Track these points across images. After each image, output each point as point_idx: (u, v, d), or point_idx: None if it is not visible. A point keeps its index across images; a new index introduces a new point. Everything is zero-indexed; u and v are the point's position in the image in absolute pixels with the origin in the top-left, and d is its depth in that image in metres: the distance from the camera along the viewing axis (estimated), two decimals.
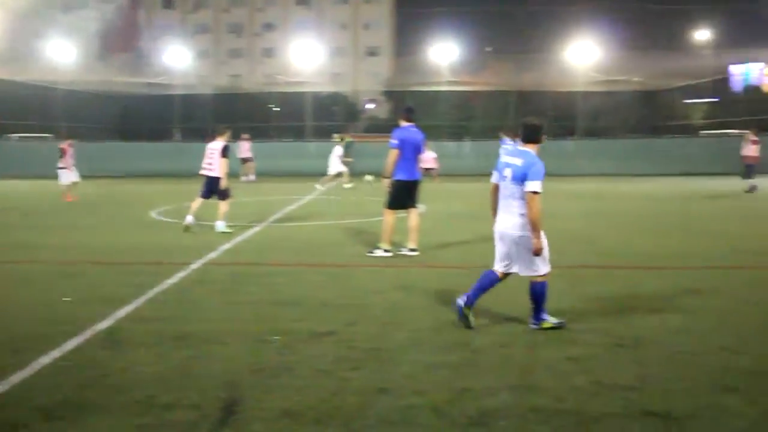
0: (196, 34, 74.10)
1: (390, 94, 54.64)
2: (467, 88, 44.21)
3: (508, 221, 5.74)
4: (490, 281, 5.93)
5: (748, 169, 20.51)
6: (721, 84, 44.95)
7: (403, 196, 9.46)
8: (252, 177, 26.75)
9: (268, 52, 76.63)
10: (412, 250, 9.50)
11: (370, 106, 68.10)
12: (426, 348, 5.29)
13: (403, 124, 9.51)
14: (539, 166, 5.63)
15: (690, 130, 45.39)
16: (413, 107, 10.15)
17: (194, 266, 8.64)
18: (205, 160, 11.89)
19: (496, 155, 8.50)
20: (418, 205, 9.77)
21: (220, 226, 11.65)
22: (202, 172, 11.94)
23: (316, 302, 6.80)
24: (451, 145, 34.29)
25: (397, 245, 9.63)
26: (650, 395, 4.32)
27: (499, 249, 5.90)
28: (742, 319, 6.16)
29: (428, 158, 23.25)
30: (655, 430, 3.85)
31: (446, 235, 11.52)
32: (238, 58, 79.95)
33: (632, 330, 5.76)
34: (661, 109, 52.65)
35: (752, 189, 19.90)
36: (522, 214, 5.62)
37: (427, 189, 13.58)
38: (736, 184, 20.91)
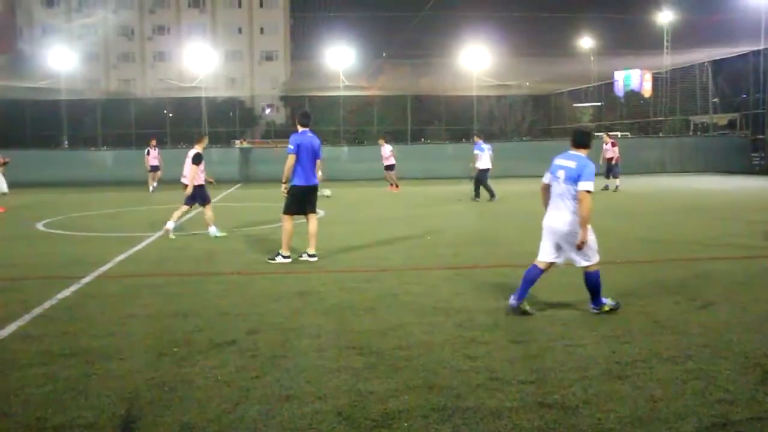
0: (83, 36, 70.96)
1: (288, 99, 54.35)
2: (364, 93, 44.56)
3: (560, 218, 6.20)
4: (534, 275, 6.39)
5: (608, 169, 22.02)
6: (604, 89, 47.32)
7: (300, 201, 9.41)
8: (154, 185, 25.24)
9: (161, 56, 74.66)
10: (311, 255, 9.45)
11: (268, 111, 67.39)
12: (329, 353, 5.29)
13: (300, 129, 9.46)
14: (591, 168, 6.14)
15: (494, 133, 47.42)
16: (309, 112, 10.17)
17: (86, 280, 8.28)
18: (185, 169, 11.89)
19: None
20: (317, 210, 9.78)
21: (213, 231, 11.85)
22: (182, 180, 11.97)
23: (215, 312, 6.67)
24: (347, 150, 34.49)
25: (298, 251, 9.60)
26: (545, 387, 4.50)
27: (548, 243, 6.38)
28: (625, 310, 6.50)
29: (387, 155, 23.01)
30: (551, 419, 4.01)
31: (347, 239, 11.56)
32: (129, 62, 77.37)
33: (527, 325, 5.98)
34: (552, 112, 54.85)
35: (606, 187, 21.41)
36: (573, 212, 6.09)
37: (343, 194, 13.64)
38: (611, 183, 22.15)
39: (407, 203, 18.80)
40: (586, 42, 47.31)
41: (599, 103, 51.22)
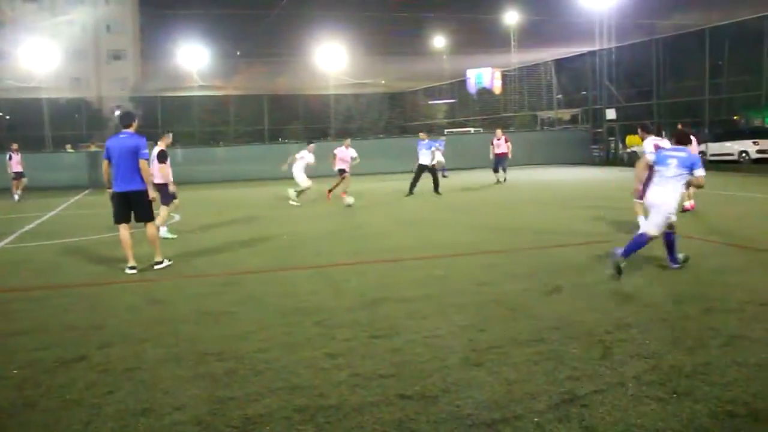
0: None
1: (138, 100, 52.01)
2: (219, 93, 43.54)
3: (667, 196, 7.53)
4: (643, 241, 7.60)
5: (498, 163, 22.85)
6: (457, 86, 49.02)
7: (120, 208, 8.71)
8: (19, 193, 22.78)
9: None
10: (158, 263, 8.95)
11: (117, 113, 64.25)
12: (186, 361, 5.09)
13: (123, 130, 8.77)
14: (699, 158, 7.78)
15: (433, 130, 48.68)
16: (130, 112, 9.46)
17: None
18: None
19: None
20: (155, 214, 9.25)
21: (163, 232, 11.58)
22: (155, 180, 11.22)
23: (62, 327, 6.24)
24: (202, 151, 33.52)
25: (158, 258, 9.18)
26: (406, 379, 4.57)
27: (657, 217, 7.57)
28: (481, 298, 6.76)
29: (345, 157, 20.46)
30: (411, 410, 4.07)
31: (204, 243, 11.23)
32: None
33: (387, 320, 6.05)
34: (407, 110, 56.07)
35: (499, 180, 22.30)
36: (678, 191, 7.55)
37: (229, 196, 13.17)
38: (483, 177, 22.98)
39: (267, 204, 18.55)
40: (439, 41, 48.83)
41: (453, 100, 53.03)
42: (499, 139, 23.34)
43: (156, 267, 8.92)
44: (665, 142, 9.86)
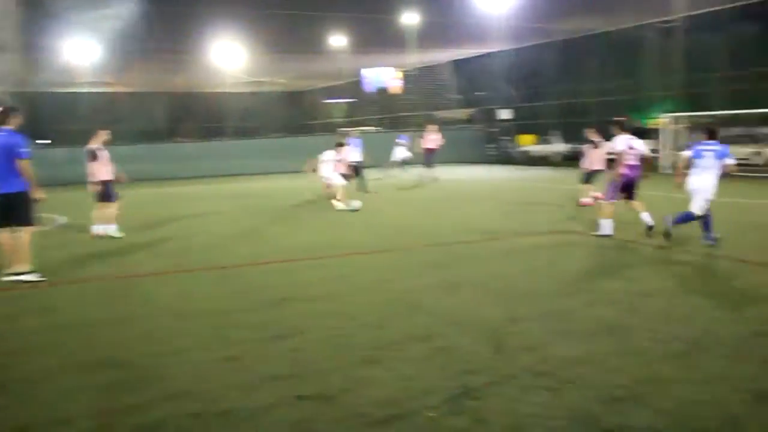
0: None
1: (21, 96, 49.18)
2: (110, 90, 41.83)
3: (707, 182, 9.12)
4: (689, 218, 9.29)
5: (428, 159, 23.00)
6: (356, 86, 49.16)
7: None
8: None
9: None
10: (20, 273, 8.02)
11: None
12: (71, 372, 4.84)
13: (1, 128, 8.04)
14: (728, 149, 9.32)
15: (332, 128, 48.65)
16: (8, 108, 8.39)
17: None
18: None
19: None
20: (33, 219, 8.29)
21: (98, 229, 11.45)
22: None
23: None
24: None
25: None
26: (304, 380, 4.54)
27: (700, 200, 9.14)
28: (382, 296, 6.82)
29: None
30: (309, 411, 4.05)
31: (94, 246, 10.72)
32: None
33: (288, 321, 6.00)
34: (306, 109, 55.80)
35: (431, 178, 22.40)
36: (714, 177, 9.12)
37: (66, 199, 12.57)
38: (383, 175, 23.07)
39: (165, 205, 17.97)
40: (337, 40, 48.81)
41: (352, 99, 53.18)
42: (431, 135, 23.31)
43: (17, 278, 8.01)
44: (637, 141, 10.30)
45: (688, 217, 9.30)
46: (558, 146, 34.15)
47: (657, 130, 26.92)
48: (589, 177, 14.77)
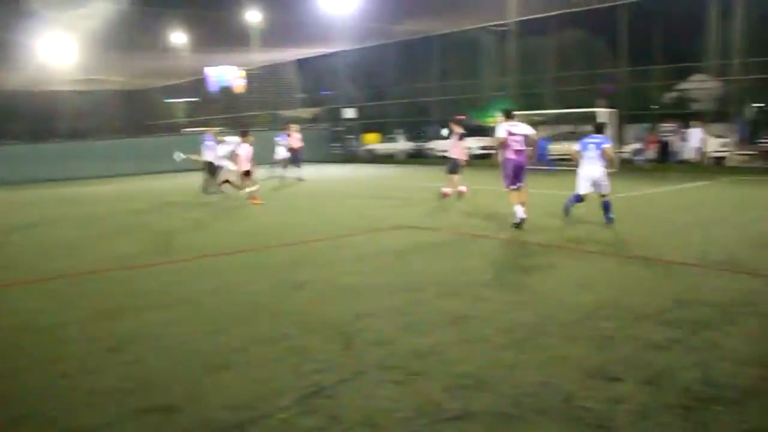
0: None
1: None
2: None
3: (595, 169, 10.87)
4: (578, 199, 11.17)
5: (294, 159, 22.53)
6: (199, 84, 47.79)
7: None
8: None
9: None
10: None
11: None
12: None
13: None
14: (609, 139, 11.46)
15: (175, 129, 47.05)
16: None
17: None
18: None
19: None
20: None
21: None
22: None
23: None
24: None
25: None
26: (147, 392, 4.32)
27: (585, 183, 10.98)
28: (227, 299, 6.65)
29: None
30: (153, 424, 3.87)
31: None
32: None
33: (126, 331, 5.68)
34: (146, 109, 53.51)
35: (298, 178, 21.95)
36: (602, 166, 10.89)
37: None
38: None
39: None
40: (178, 37, 47.13)
41: (195, 99, 51.62)
42: (293, 134, 22.96)
43: None
44: (519, 127, 10.97)
45: (577, 199, 11.15)
46: (402, 144, 35.04)
47: (495, 128, 28.32)
48: (454, 168, 15.19)
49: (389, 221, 11.93)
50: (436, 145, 32.35)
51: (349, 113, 35.87)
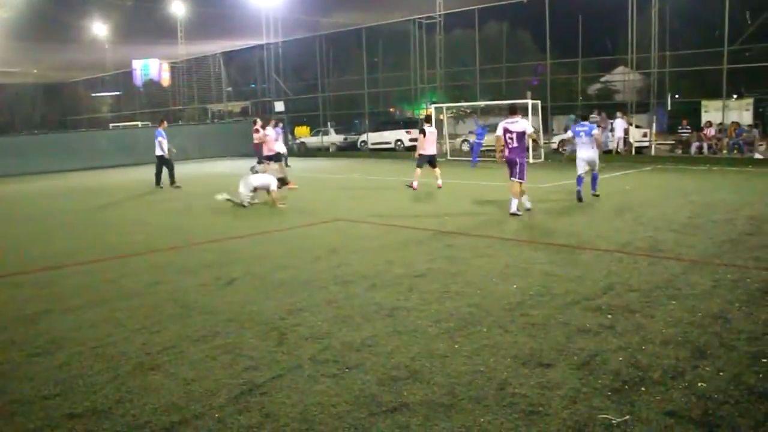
0: None
1: None
2: None
3: (587, 152, 12.60)
4: (580, 180, 12.55)
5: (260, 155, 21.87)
6: (124, 78, 46.45)
7: None
8: None
9: None
10: None
11: None
12: None
13: None
14: (594, 127, 12.90)
15: (99, 123, 45.61)
16: None
17: None
18: None
19: None
20: None
21: None
22: None
23: None
24: None
25: None
26: (74, 397, 4.18)
27: (582, 164, 12.63)
28: (154, 299, 6.48)
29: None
30: (83, 428, 3.74)
31: None
32: None
33: (48, 335, 5.47)
34: (67, 103, 51.64)
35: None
36: (594, 149, 12.71)
37: None
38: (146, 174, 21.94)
39: None
40: (100, 29, 45.62)
41: (118, 93, 50.16)
42: (276, 128, 22.31)
43: None
44: (515, 124, 11.09)
45: (579, 180, 12.63)
46: (332, 137, 34.92)
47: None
48: (424, 162, 15.13)
49: (321, 215, 11.87)
50: (368, 138, 32.43)
51: (279, 106, 35.49)
